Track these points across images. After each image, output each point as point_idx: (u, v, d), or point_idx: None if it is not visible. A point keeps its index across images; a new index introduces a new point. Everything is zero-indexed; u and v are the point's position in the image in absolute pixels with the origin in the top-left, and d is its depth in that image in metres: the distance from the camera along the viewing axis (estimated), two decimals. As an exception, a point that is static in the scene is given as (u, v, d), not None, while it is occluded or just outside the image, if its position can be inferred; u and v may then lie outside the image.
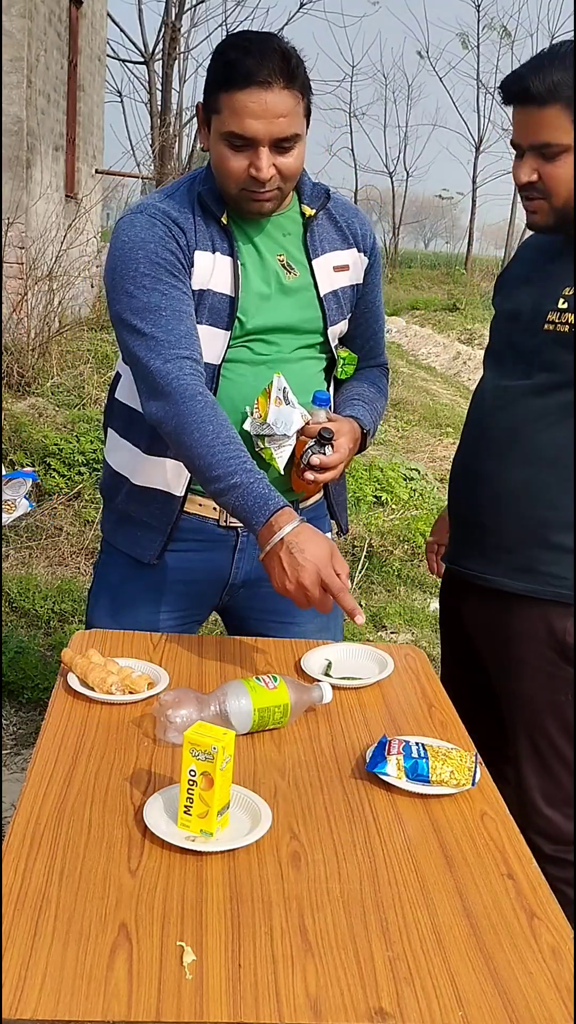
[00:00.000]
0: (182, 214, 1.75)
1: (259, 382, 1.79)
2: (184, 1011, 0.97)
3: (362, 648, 1.84)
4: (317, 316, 1.85)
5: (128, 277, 1.70)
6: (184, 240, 1.73)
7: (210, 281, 1.75)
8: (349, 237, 1.89)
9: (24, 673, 3.34)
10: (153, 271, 1.70)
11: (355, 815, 1.33)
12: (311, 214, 1.83)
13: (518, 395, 1.77)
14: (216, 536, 1.88)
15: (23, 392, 6.39)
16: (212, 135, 1.68)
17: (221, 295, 1.76)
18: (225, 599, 1.97)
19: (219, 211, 1.75)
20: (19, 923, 1.07)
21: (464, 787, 1.38)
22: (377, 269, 1.98)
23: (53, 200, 8.64)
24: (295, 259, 1.83)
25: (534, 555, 1.76)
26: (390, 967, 1.05)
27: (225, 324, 1.76)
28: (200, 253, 1.74)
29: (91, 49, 10.68)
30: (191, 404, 1.63)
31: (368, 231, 1.94)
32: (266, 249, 1.80)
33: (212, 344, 1.76)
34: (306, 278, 1.83)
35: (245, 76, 1.60)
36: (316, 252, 1.84)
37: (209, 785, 1.22)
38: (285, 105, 1.62)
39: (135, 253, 1.71)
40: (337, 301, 1.87)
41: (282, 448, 1.75)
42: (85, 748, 1.43)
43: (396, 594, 4.46)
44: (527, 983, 1.05)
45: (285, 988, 1.01)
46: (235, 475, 1.58)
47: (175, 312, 1.69)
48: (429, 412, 8.38)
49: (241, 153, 1.65)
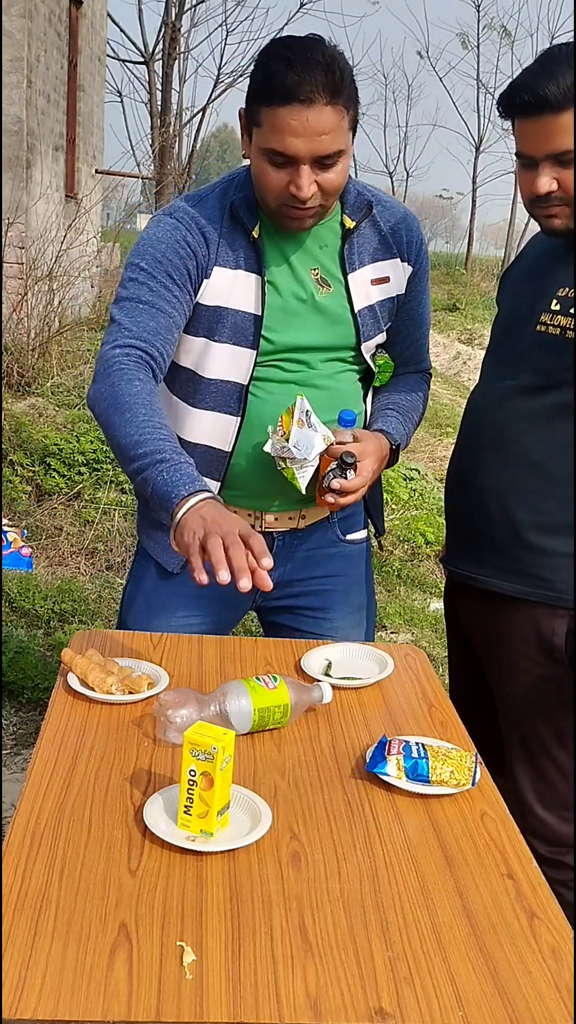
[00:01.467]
0: (210, 224, 1.71)
1: (287, 400, 1.75)
2: (184, 1011, 0.97)
3: (362, 648, 1.84)
4: (350, 332, 1.80)
5: (130, 269, 1.71)
6: (204, 252, 1.70)
7: (230, 299, 1.72)
8: (393, 247, 1.82)
9: (24, 673, 3.34)
10: (152, 268, 1.69)
11: (355, 815, 1.33)
12: (351, 226, 1.77)
13: (506, 396, 1.77)
14: None
15: (23, 392, 6.39)
16: (253, 147, 1.63)
17: (244, 313, 1.73)
18: (258, 600, 1.98)
19: (251, 224, 1.71)
20: (19, 923, 1.07)
21: (464, 787, 1.38)
22: (423, 276, 1.89)
23: (53, 200, 8.64)
24: (330, 273, 1.78)
25: (520, 556, 1.76)
26: (390, 967, 1.05)
27: (250, 343, 1.73)
28: (220, 269, 1.71)
29: (91, 49, 10.68)
30: (127, 387, 1.59)
31: (415, 237, 1.85)
32: (300, 263, 1.76)
33: (238, 363, 1.74)
34: (340, 293, 1.78)
35: (286, 92, 1.53)
36: (353, 266, 1.78)
37: (209, 785, 1.22)
38: (328, 122, 1.56)
39: (146, 249, 1.71)
40: (373, 315, 1.82)
41: (304, 469, 1.72)
42: (85, 748, 1.43)
43: (396, 594, 4.46)
44: (527, 983, 1.05)
45: (285, 988, 1.01)
46: (163, 452, 1.52)
47: (152, 308, 1.67)
48: (429, 412, 8.37)
49: (282, 169, 1.60)
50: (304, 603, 1.97)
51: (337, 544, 1.97)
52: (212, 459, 1.80)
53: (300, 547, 1.93)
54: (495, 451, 1.78)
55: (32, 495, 5.03)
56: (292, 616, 1.98)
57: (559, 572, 1.73)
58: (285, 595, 1.97)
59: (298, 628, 1.97)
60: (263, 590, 1.43)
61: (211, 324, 1.73)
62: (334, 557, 1.97)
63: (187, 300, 1.71)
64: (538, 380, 1.72)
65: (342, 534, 1.97)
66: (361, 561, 2.03)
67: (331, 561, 1.97)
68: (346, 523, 1.98)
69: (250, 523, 1.86)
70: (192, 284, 1.71)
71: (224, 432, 1.79)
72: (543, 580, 1.74)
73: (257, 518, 1.87)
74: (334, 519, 1.94)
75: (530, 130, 1.61)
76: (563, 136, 1.57)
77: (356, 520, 2.01)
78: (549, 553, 1.73)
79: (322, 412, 1.74)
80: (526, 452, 1.74)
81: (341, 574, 1.99)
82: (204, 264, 1.70)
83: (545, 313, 1.71)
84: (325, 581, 1.97)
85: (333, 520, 1.94)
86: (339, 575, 1.98)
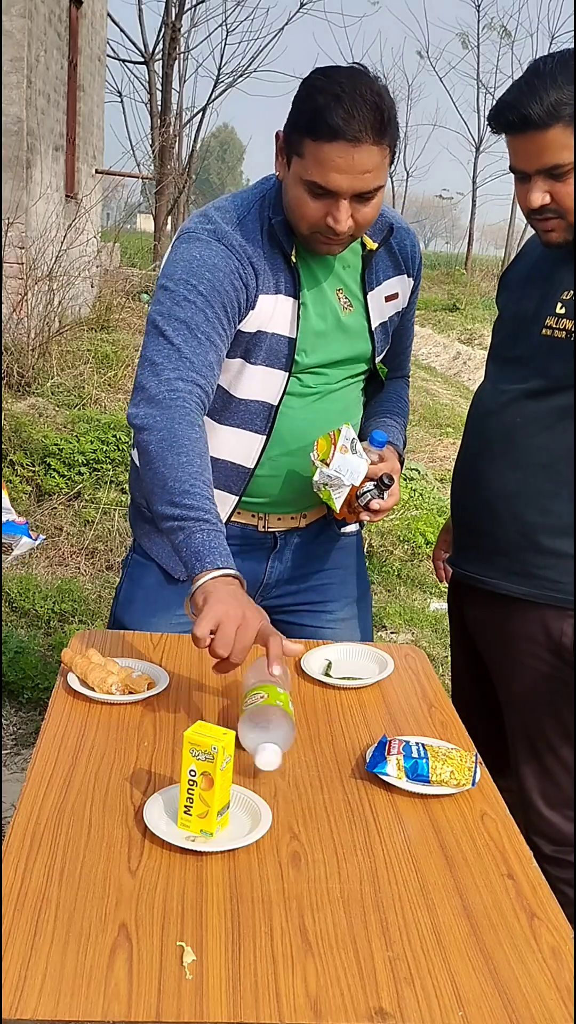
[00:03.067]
0: (256, 252, 1.70)
1: (307, 413, 1.79)
2: (184, 1011, 0.97)
3: (362, 648, 1.84)
4: (367, 349, 1.84)
5: (185, 286, 1.64)
6: (253, 283, 1.70)
7: (269, 323, 1.72)
8: (401, 263, 1.86)
9: (24, 673, 3.34)
10: (210, 295, 1.64)
11: (355, 815, 1.33)
12: (372, 248, 1.79)
13: (513, 398, 1.77)
14: (254, 541, 1.91)
15: (23, 392, 6.39)
16: (291, 174, 1.62)
17: (280, 336, 1.73)
18: (258, 600, 1.98)
19: (289, 247, 1.71)
20: (19, 923, 1.07)
21: (464, 787, 1.38)
22: (418, 288, 1.94)
23: (53, 200, 8.64)
24: (352, 293, 1.80)
25: (529, 559, 1.76)
26: (390, 967, 1.05)
27: (284, 365, 1.74)
28: (264, 296, 1.71)
29: (91, 49, 10.68)
30: (188, 430, 1.55)
31: (417, 251, 1.91)
32: (328, 284, 1.78)
33: (270, 384, 1.75)
34: (360, 312, 1.81)
35: (334, 131, 1.52)
36: (372, 285, 1.81)
37: (209, 785, 1.22)
38: (372, 161, 1.56)
39: (202, 272, 1.65)
40: (384, 331, 1.87)
41: (340, 490, 1.75)
42: (85, 748, 1.43)
43: (396, 594, 4.46)
44: (527, 983, 1.05)
45: (285, 988, 1.01)
46: (210, 514, 1.49)
47: (209, 340, 1.64)
48: (429, 412, 8.39)
49: (319, 200, 1.60)
50: (304, 599, 1.99)
51: (333, 538, 2.00)
52: (233, 475, 1.81)
53: (299, 544, 1.96)
54: (503, 454, 1.78)
55: (32, 495, 5.03)
56: (293, 613, 2.00)
57: (569, 574, 1.73)
58: (286, 592, 1.99)
59: (298, 623, 1.98)
60: None
61: (248, 347, 1.73)
62: (331, 550, 2.00)
63: (232, 333, 1.71)
64: (546, 383, 1.72)
65: (338, 528, 1.99)
66: (356, 553, 2.08)
67: (329, 554, 2.00)
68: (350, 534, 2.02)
69: (254, 524, 1.90)
70: (240, 318, 1.71)
71: (248, 449, 1.80)
72: (552, 582, 1.74)
73: (261, 519, 1.90)
74: (330, 516, 1.95)
75: (519, 147, 1.62)
76: (551, 152, 1.58)
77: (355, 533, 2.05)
78: (559, 555, 1.73)
79: (334, 422, 1.77)
80: (535, 454, 1.74)
81: (338, 566, 2.02)
82: (252, 297, 1.70)
83: (550, 317, 1.71)
84: (323, 575, 2.00)
85: (329, 516, 1.95)
86: (336, 567, 2.01)
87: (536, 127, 1.57)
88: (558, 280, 1.73)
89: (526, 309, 1.79)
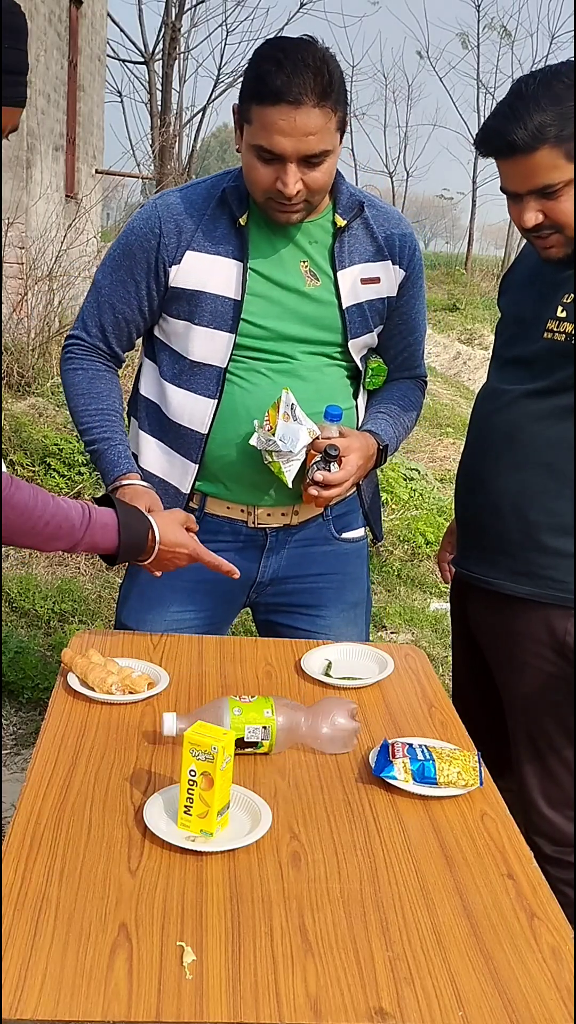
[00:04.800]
0: (188, 210, 1.77)
1: (274, 391, 1.78)
2: (184, 1011, 0.97)
3: (362, 648, 1.84)
4: (337, 328, 1.83)
5: (110, 251, 1.87)
6: (173, 239, 1.76)
7: (208, 284, 1.76)
8: (384, 249, 1.86)
9: (24, 673, 3.34)
10: (121, 256, 1.83)
11: (355, 815, 1.33)
12: (342, 225, 1.81)
13: (515, 398, 1.77)
14: (244, 537, 1.90)
15: (23, 392, 6.39)
16: (244, 143, 1.69)
17: (223, 298, 1.76)
18: (253, 596, 1.99)
19: (240, 211, 1.75)
20: (19, 923, 1.07)
21: (472, 787, 1.38)
22: (416, 282, 1.92)
23: (53, 200, 8.64)
24: (319, 268, 1.81)
25: (532, 559, 1.76)
26: (390, 967, 1.05)
27: (229, 327, 1.76)
28: (193, 253, 1.76)
29: (91, 49, 10.68)
30: (71, 376, 1.89)
31: (408, 243, 1.89)
32: (289, 255, 1.79)
33: (217, 346, 1.77)
34: (329, 288, 1.81)
35: (275, 93, 1.59)
36: (343, 264, 1.81)
37: (209, 785, 1.22)
38: (315, 123, 1.60)
39: (122, 238, 1.83)
40: (361, 314, 1.84)
41: (290, 463, 1.75)
42: (85, 748, 1.43)
43: (396, 594, 4.46)
44: (527, 983, 1.05)
45: (285, 988, 1.01)
46: (96, 442, 1.85)
47: (109, 303, 1.85)
48: (429, 412, 8.38)
49: (269, 165, 1.65)
50: (298, 600, 1.98)
51: (332, 542, 1.97)
52: (191, 441, 1.84)
53: (293, 543, 1.94)
54: (506, 453, 1.78)
55: (32, 495, 5.02)
56: (286, 615, 1.99)
57: (573, 573, 1.73)
58: (280, 592, 1.97)
59: (292, 625, 1.97)
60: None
61: (191, 307, 1.78)
62: (329, 555, 1.98)
63: (148, 292, 1.82)
64: (548, 384, 1.72)
65: (337, 532, 1.97)
66: (357, 560, 2.04)
67: (326, 559, 1.97)
68: (341, 521, 1.98)
69: (243, 519, 1.89)
70: (155, 276, 1.80)
71: (202, 414, 1.81)
72: (556, 581, 1.74)
73: (249, 513, 1.88)
74: (328, 515, 1.95)
75: (508, 170, 1.63)
76: (540, 173, 1.58)
77: (352, 519, 2.01)
78: (562, 554, 1.73)
79: (307, 404, 1.76)
80: (538, 453, 1.74)
81: (335, 572, 1.99)
82: (172, 251, 1.77)
83: (551, 320, 1.72)
84: (319, 579, 1.98)
85: (328, 517, 1.95)
86: (334, 573, 1.99)
87: (522, 151, 1.57)
88: (558, 283, 1.73)
89: (526, 312, 1.79)
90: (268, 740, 1.43)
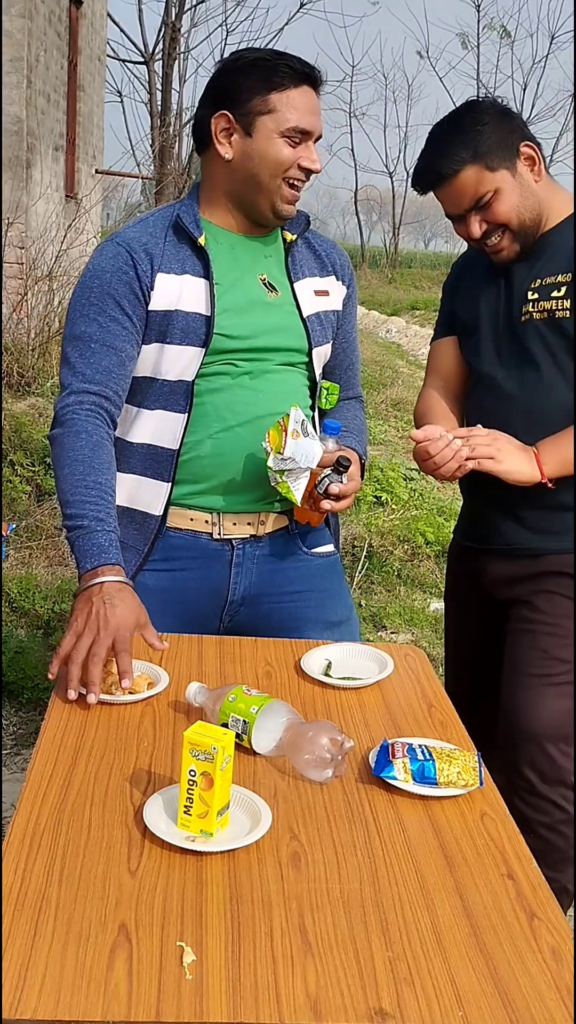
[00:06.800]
0: (151, 239, 1.80)
1: (243, 390, 1.81)
2: (184, 1011, 0.97)
3: (362, 648, 1.84)
4: (301, 336, 1.88)
5: (78, 304, 1.79)
6: (145, 266, 1.77)
7: (179, 302, 1.78)
8: (328, 266, 1.95)
9: (24, 673, 3.34)
10: (101, 301, 1.76)
11: (355, 815, 1.33)
12: (292, 239, 1.90)
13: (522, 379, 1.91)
14: (210, 551, 1.88)
15: (23, 392, 6.39)
16: (255, 141, 1.77)
17: (195, 314, 1.78)
18: (226, 620, 1.94)
19: (197, 233, 1.79)
20: (19, 923, 1.07)
21: (472, 787, 1.38)
22: (354, 302, 2.02)
23: (53, 200, 8.64)
24: (276, 280, 1.87)
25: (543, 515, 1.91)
26: (390, 967, 1.05)
27: (200, 342, 1.79)
28: (163, 275, 1.78)
29: (91, 49, 10.68)
30: (73, 440, 1.71)
31: (346, 264, 2.00)
32: (247, 269, 1.85)
33: (187, 362, 1.79)
34: (288, 298, 1.87)
35: (299, 75, 1.74)
36: (297, 276, 1.89)
37: (209, 785, 1.22)
38: (319, 106, 1.80)
39: (92, 281, 1.79)
40: (320, 323, 1.91)
41: (298, 480, 1.76)
42: (85, 748, 1.43)
43: (396, 594, 4.46)
44: (527, 983, 1.05)
45: (285, 988, 1.01)
46: (84, 519, 1.65)
47: (104, 346, 1.75)
48: (429, 412, 8.36)
49: (296, 148, 1.77)
50: (276, 623, 1.92)
51: (302, 557, 1.95)
52: (160, 459, 1.83)
53: (262, 558, 1.91)
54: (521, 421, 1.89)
55: (32, 495, 5.03)
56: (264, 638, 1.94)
57: None
58: (255, 614, 1.93)
59: None
60: None
61: (162, 328, 1.79)
62: (301, 571, 1.95)
63: (138, 324, 1.78)
64: (546, 357, 1.88)
65: (307, 548, 1.96)
66: (332, 575, 2.01)
67: (299, 575, 1.94)
68: (310, 537, 1.97)
69: (207, 531, 1.87)
70: (144, 303, 1.78)
71: (172, 431, 1.82)
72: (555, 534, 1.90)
73: (215, 524, 1.86)
74: (295, 529, 1.93)
75: (445, 197, 1.88)
76: (470, 189, 1.83)
77: (321, 534, 1.99)
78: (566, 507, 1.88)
79: (270, 405, 1.81)
80: (551, 418, 1.86)
81: (312, 588, 1.96)
82: (149, 278, 1.78)
83: (525, 304, 1.89)
84: (296, 596, 1.94)
85: (294, 531, 1.93)
86: (310, 590, 1.96)
87: (450, 177, 1.83)
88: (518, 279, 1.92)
89: (498, 308, 1.95)
90: (246, 735, 1.43)
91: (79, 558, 1.64)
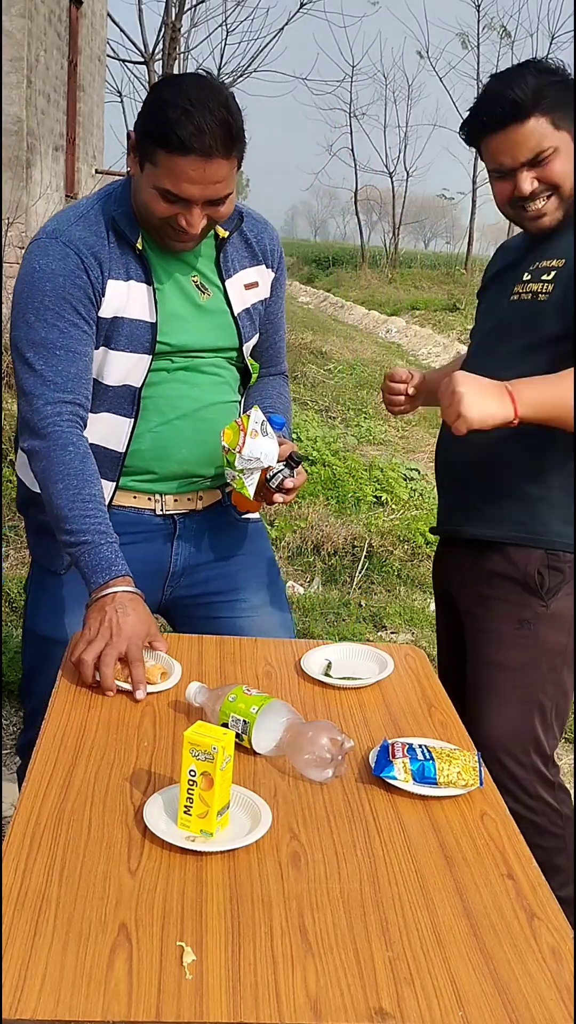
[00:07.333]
0: (98, 241, 1.76)
1: (180, 387, 1.85)
2: (184, 1011, 0.97)
3: (362, 648, 1.84)
4: (232, 334, 1.90)
5: (32, 307, 1.73)
6: (97, 272, 1.75)
7: (125, 309, 1.78)
8: (258, 254, 1.94)
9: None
10: (57, 306, 1.72)
11: (355, 815, 1.33)
12: (224, 236, 1.86)
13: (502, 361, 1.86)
14: (152, 526, 1.94)
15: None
16: (144, 178, 1.69)
17: (139, 321, 1.79)
18: (168, 592, 2.01)
19: (134, 237, 1.77)
20: (19, 923, 1.07)
21: (472, 787, 1.38)
22: (282, 281, 2.02)
23: (53, 200, 8.65)
24: (208, 280, 1.87)
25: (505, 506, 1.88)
26: (390, 967, 1.05)
27: (147, 348, 1.80)
28: (113, 282, 1.77)
29: (91, 49, 10.68)
30: (61, 454, 1.69)
31: (276, 246, 1.98)
32: (180, 272, 1.84)
33: (134, 368, 1.80)
34: (219, 298, 1.88)
35: (185, 145, 1.59)
36: (228, 273, 1.89)
37: (209, 785, 1.22)
38: (222, 173, 1.65)
39: (43, 284, 1.73)
40: (250, 318, 1.93)
41: (251, 476, 1.81)
42: (85, 748, 1.43)
43: (396, 594, 4.46)
44: (527, 983, 1.05)
45: (285, 988, 1.01)
46: (86, 534, 1.65)
47: (69, 352, 1.72)
48: (429, 412, 8.38)
49: (172, 204, 1.67)
50: (214, 587, 2.00)
51: (234, 524, 2.03)
52: (107, 459, 1.84)
53: (200, 530, 1.99)
54: None
55: None
56: (205, 606, 2.00)
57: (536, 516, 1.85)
58: (195, 582, 2.00)
59: (214, 616, 1.98)
60: None
61: (108, 334, 1.79)
62: (236, 535, 2.03)
63: (92, 330, 1.77)
64: (530, 339, 1.82)
65: (237, 515, 2.03)
66: (260, 538, 2.11)
67: (233, 540, 2.03)
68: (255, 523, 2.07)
69: (150, 507, 1.93)
70: (95, 310, 1.77)
71: (118, 433, 1.84)
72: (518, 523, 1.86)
73: (157, 501, 1.93)
74: (226, 503, 2.01)
75: (500, 144, 1.75)
76: (533, 141, 1.72)
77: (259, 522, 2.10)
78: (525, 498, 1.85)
79: (211, 394, 1.88)
80: None
81: (245, 552, 2.04)
82: (100, 285, 1.76)
83: (518, 284, 1.86)
84: (232, 560, 2.02)
85: (225, 504, 2.01)
86: (243, 553, 2.04)
87: (519, 118, 1.70)
88: (524, 262, 1.87)
89: (501, 291, 1.92)
90: (246, 735, 1.43)
91: (88, 573, 1.64)
